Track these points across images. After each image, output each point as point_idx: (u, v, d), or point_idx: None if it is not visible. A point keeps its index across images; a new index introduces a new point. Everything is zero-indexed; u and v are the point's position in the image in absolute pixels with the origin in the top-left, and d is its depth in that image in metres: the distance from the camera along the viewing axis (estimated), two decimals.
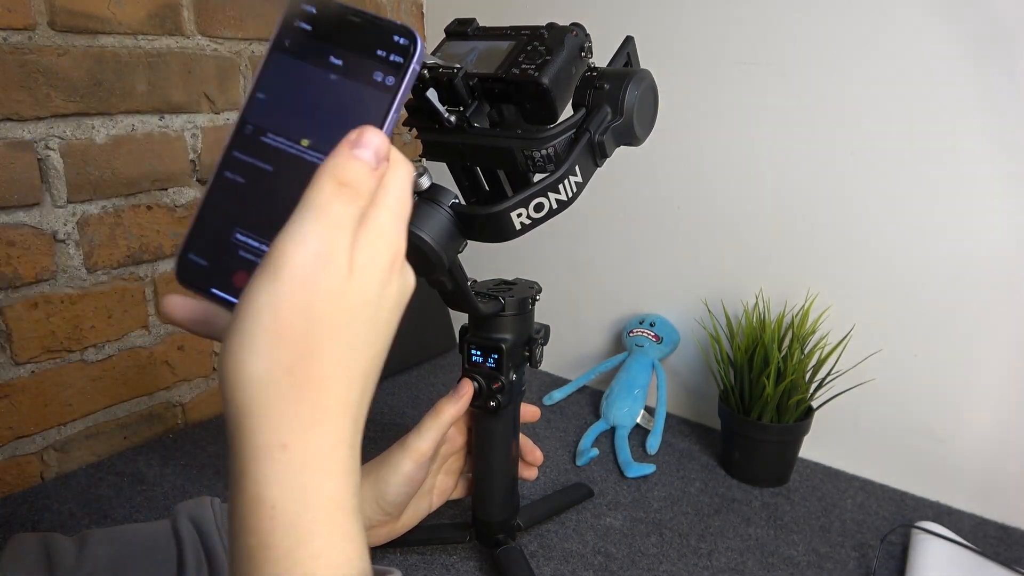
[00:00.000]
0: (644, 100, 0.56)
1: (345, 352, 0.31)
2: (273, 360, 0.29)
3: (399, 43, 0.33)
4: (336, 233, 0.30)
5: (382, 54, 0.34)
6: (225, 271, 0.34)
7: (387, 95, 0.33)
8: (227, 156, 0.35)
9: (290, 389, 0.29)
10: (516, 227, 0.54)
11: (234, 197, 0.35)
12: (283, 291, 0.29)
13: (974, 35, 0.75)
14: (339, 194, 0.30)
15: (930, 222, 0.81)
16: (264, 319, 0.29)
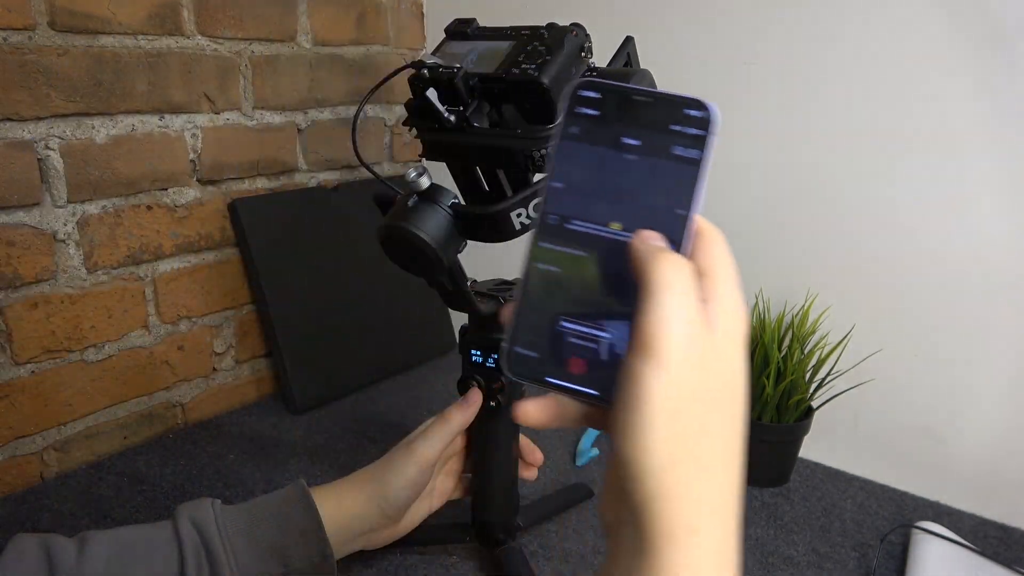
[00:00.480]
0: None
1: (730, 429, 0.32)
2: (676, 445, 0.30)
3: (694, 116, 0.33)
4: (694, 310, 0.31)
5: (678, 128, 0.34)
6: (557, 359, 0.35)
7: (691, 168, 0.33)
8: (535, 248, 0.36)
9: (694, 472, 0.30)
10: (516, 227, 0.54)
11: (551, 286, 0.35)
12: (669, 374, 0.30)
13: (974, 35, 0.75)
14: (674, 265, 0.31)
15: (930, 222, 0.81)
16: (663, 405, 0.30)
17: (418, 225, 0.53)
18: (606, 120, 0.35)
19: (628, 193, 0.34)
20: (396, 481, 0.62)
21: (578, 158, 0.35)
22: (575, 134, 0.36)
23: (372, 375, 1.11)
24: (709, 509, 0.30)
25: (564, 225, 0.35)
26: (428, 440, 0.64)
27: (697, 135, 0.33)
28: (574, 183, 0.35)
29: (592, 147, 0.35)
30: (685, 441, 0.30)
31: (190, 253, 0.96)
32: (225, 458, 0.90)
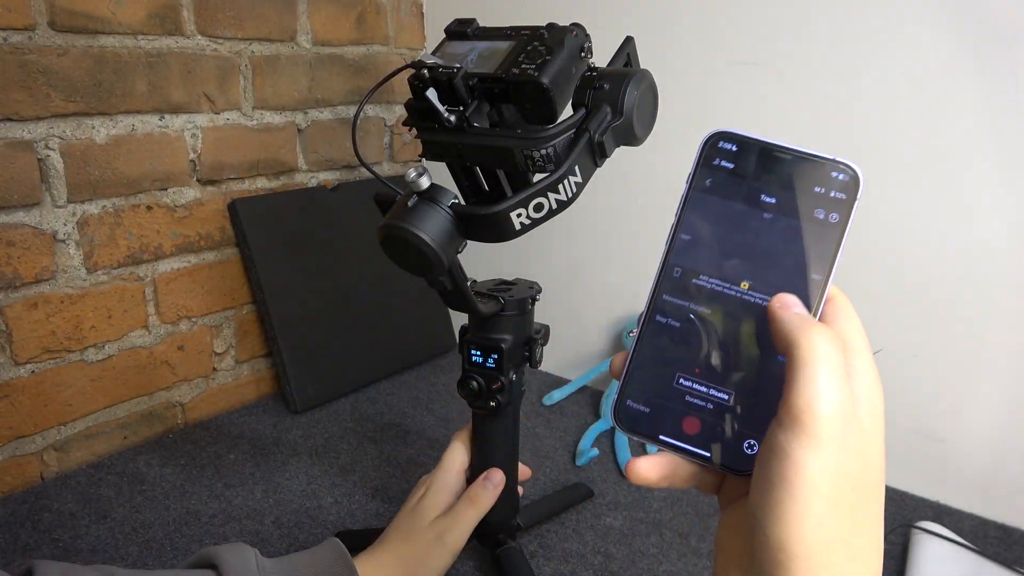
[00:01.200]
0: (644, 100, 0.56)
1: (877, 517, 0.30)
2: (834, 530, 0.29)
3: (838, 179, 0.32)
4: (845, 385, 0.29)
5: (820, 191, 0.32)
6: (673, 418, 0.34)
7: (832, 232, 0.32)
8: (656, 300, 0.35)
9: (846, 561, 0.29)
10: (516, 227, 0.54)
11: (671, 342, 0.34)
12: (829, 456, 0.28)
13: (974, 34, 0.75)
14: (827, 337, 0.30)
15: (930, 222, 0.81)
16: (821, 488, 0.28)
17: (418, 225, 0.53)
18: (743, 174, 0.34)
19: (761, 252, 0.33)
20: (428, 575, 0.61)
21: (709, 211, 0.34)
22: (708, 186, 0.34)
23: (372, 375, 1.11)
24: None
25: (690, 280, 0.34)
26: (459, 527, 0.63)
27: (839, 199, 0.32)
28: (703, 237, 0.34)
29: (725, 201, 0.34)
30: (842, 528, 0.29)
31: (190, 253, 0.96)
32: (225, 458, 0.90)
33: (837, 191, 0.32)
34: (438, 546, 0.62)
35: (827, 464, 0.28)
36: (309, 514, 0.80)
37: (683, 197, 0.35)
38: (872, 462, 0.30)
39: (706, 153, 0.34)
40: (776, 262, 0.33)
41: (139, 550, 0.73)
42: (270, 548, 0.74)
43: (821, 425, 0.28)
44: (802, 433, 0.29)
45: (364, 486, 0.85)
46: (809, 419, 0.28)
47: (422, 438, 0.96)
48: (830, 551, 0.28)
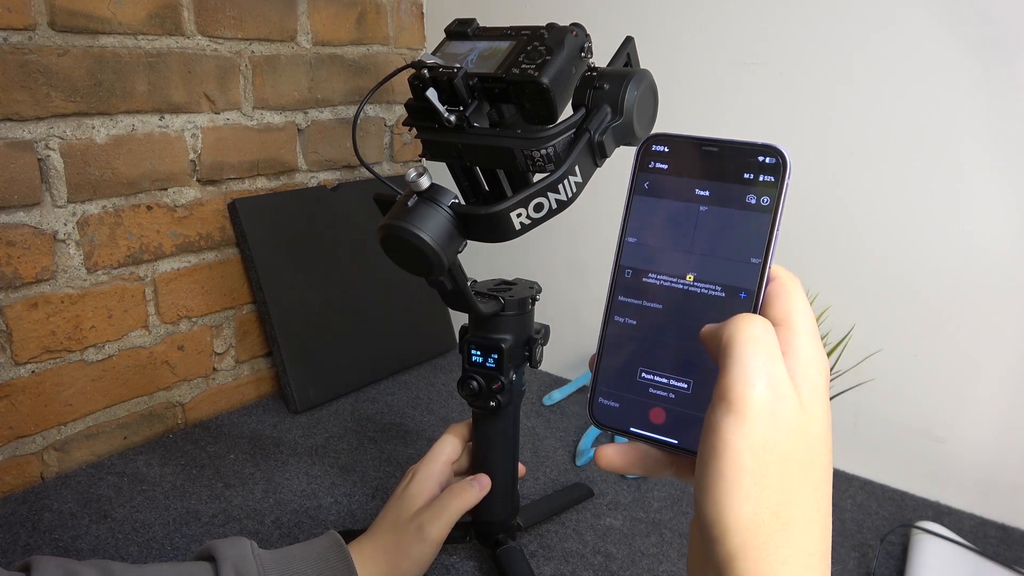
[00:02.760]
0: (644, 100, 0.56)
1: (816, 489, 0.31)
2: (760, 503, 0.29)
3: (766, 163, 0.33)
4: (776, 363, 0.30)
5: (750, 176, 0.34)
6: (639, 410, 0.36)
7: (765, 215, 0.33)
8: (613, 302, 0.37)
9: (778, 532, 0.29)
10: (516, 227, 0.54)
11: (630, 339, 0.36)
12: (755, 432, 0.29)
13: (974, 35, 0.75)
14: (758, 322, 0.31)
15: (930, 222, 0.81)
16: (746, 462, 0.29)
17: (418, 225, 0.53)
18: (677, 172, 0.35)
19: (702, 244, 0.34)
20: (410, 566, 0.62)
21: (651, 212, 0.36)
22: (646, 188, 0.36)
23: (372, 375, 1.11)
24: (796, 570, 0.29)
25: (640, 279, 0.36)
26: (442, 521, 0.63)
27: (769, 182, 0.33)
28: (647, 237, 0.36)
29: (663, 200, 0.36)
30: (769, 500, 0.29)
31: (190, 253, 0.96)
32: (225, 458, 0.90)
33: (765, 175, 0.33)
34: (419, 537, 0.62)
35: (753, 440, 0.29)
36: (309, 514, 0.80)
37: (626, 202, 0.36)
38: (812, 435, 0.30)
39: (641, 158, 0.36)
40: (716, 251, 0.34)
41: (139, 550, 0.73)
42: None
43: (747, 403, 0.29)
44: (729, 411, 0.29)
45: (364, 486, 0.85)
46: (735, 397, 0.29)
47: (422, 438, 0.96)
48: (759, 523, 0.29)
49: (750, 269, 0.33)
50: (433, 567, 0.71)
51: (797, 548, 0.29)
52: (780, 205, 0.33)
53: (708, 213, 0.34)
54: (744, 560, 0.29)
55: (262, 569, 0.54)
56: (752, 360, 0.30)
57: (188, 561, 0.54)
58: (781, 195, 0.33)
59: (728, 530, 0.29)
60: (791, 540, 0.29)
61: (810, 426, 0.30)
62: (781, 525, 0.29)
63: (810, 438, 0.30)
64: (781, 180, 0.33)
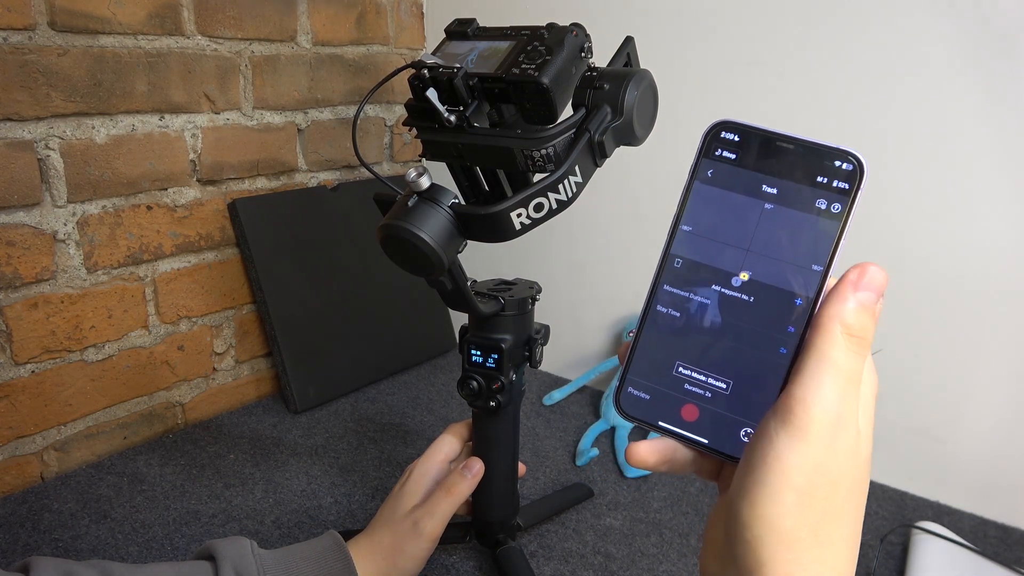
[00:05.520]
0: (644, 100, 0.56)
1: (855, 514, 0.31)
2: (801, 520, 0.29)
3: (841, 168, 0.32)
4: (852, 391, 0.30)
5: (823, 180, 0.32)
6: (672, 405, 0.34)
7: (833, 222, 0.32)
8: (658, 290, 0.35)
9: (813, 548, 0.30)
10: (516, 227, 0.54)
11: (671, 331, 0.35)
12: (812, 453, 0.29)
13: (975, 35, 0.75)
14: (850, 347, 0.30)
15: (930, 222, 0.81)
16: (796, 480, 0.29)
17: (418, 225, 0.53)
18: (745, 164, 0.34)
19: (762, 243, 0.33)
20: (407, 564, 0.62)
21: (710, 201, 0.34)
22: (709, 176, 0.34)
23: (372, 375, 1.11)
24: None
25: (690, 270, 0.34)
26: (435, 517, 0.64)
27: (842, 189, 0.32)
28: (704, 227, 0.34)
29: (727, 192, 0.34)
30: (810, 519, 0.29)
31: (190, 253, 0.96)
32: (225, 458, 0.90)
33: (840, 180, 0.32)
34: (414, 534, 0.63)
35: (807, 460, 0.29)
36: (309, 514, 0.80)
37: (685, 187, 0.35)
38: (863, 457, 0.31)
39: (708, 143, 0.35)
40: (776, 253, 0.33)
41: (139, 550, 0.73)
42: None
43: (811, 422, 0.29)
44: (790, 425, 0.29)
45: (364, 486, 0.85)
46: (802, 413, 0.29)
47: (422, 438, 0.96)
48: (796, 539, 0.29)
49: (810, 276, 0.32)
50: (433, 567, 0.71)
51: (828, 565, 0.30)
52: (851, 213, 0.32)
53: (774, 212, 0.33)
54: (773, 570, 0.29)
55: (261, 568, 0.55)
56: (830, 383, 0.29)
57: (188, 561, 0.55)
58: (853, 203, 0.32)
59: (763, 540, 0.29)
60: (824, 556, 0.30)
61: (862, 455, 0.30)
62: (817, 544, 0.29)
63: (860, 460, 0.30)
64: (856, 188, 0.32)
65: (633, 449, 0.35)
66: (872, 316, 0.31)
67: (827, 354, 0.30)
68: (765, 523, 0.29)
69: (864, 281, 0.31)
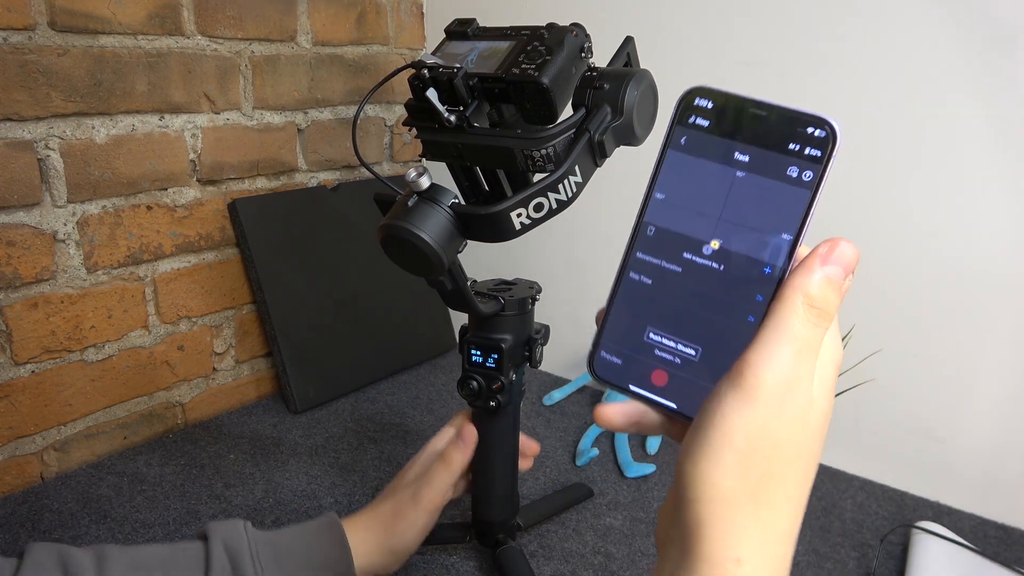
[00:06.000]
0: (644, 100, 0.56)
1: (799, 479, 0.31)
2: (740, 480, 0.30)
3: (814, 135, 0.31)
4: (806, 360, 0.30)
5: (795, 147, 0.31)
6: (642, 369, 0.35)
7: (804, 191, 0.31)
8: (630, 257, 0.35)
9: (751, 508, 0.30)
10: (516, 227, 0.54)
11: (642, 297, 0.35)
12: (757, 416, 0.30)
13: (974, 35, 0.75)
14: (809, 316, 0.30)
15: (930, 222, 0.81)
16: (737, 441, 0.30)
17: (418, 225, 0.53)
18: (718, 131, 0.33)
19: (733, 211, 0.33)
20: (406, 532, 0.63)
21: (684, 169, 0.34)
22: (682, 144, 0.34)
23: (372, 375, 1.11)
24: (759, 547, 0.30)
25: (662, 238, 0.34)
26: (433, 487, 0.65)
27: (814, 156, 0.31)
28: (677, 195, 0.34)
29: (699, 159, 0.34)
30: (750, 480, 0.30)
31: (190, 253, 0.96)
32: (225, 458, 0.90)
33: (812, 147, 0.31)
34: (413, 503, 0.64)
35: (751, 422, 0.30)
36: (309, 514, 0.80)
37: (659, 155, 0.35)
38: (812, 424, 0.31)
39: (681, 110, 0.34)
40: (747, 221, 0.32)
41: None
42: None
43: (759, 386, 0.30)
44: (739, 388, 0.30)
45: (364, 486, 0.85)
46: (751, 377, 0.30)
47: (422, 438, 0.96)
48: (734, 500, 0.30)
49: (780, 244, 0.32)
50: (433, 567, 0.71)
51: (766, 527, 0.30)
52: (822, 182, 0.31)
53: (745, 180, 0.32)
54: (711, 528, 0.30)
55: (253, 544, 0.56)
56: (781, 350, 0.30)
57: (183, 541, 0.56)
58: (825, 171, 0.31)
59: (702, 498, 0.30)
60: (762, 517, 0.30)
61: (812, 416, 0.31)
62: (755, 504, 0.30)
63: (808, 427, 0.31)
64: (828, 156, 0.31)
65: (600, 410, 0.36)
66: (837, 290, 0.31)
67: (785, 322, 0.30)
68: (705, 482, 0.30)
69: (834, 255, 0.31)
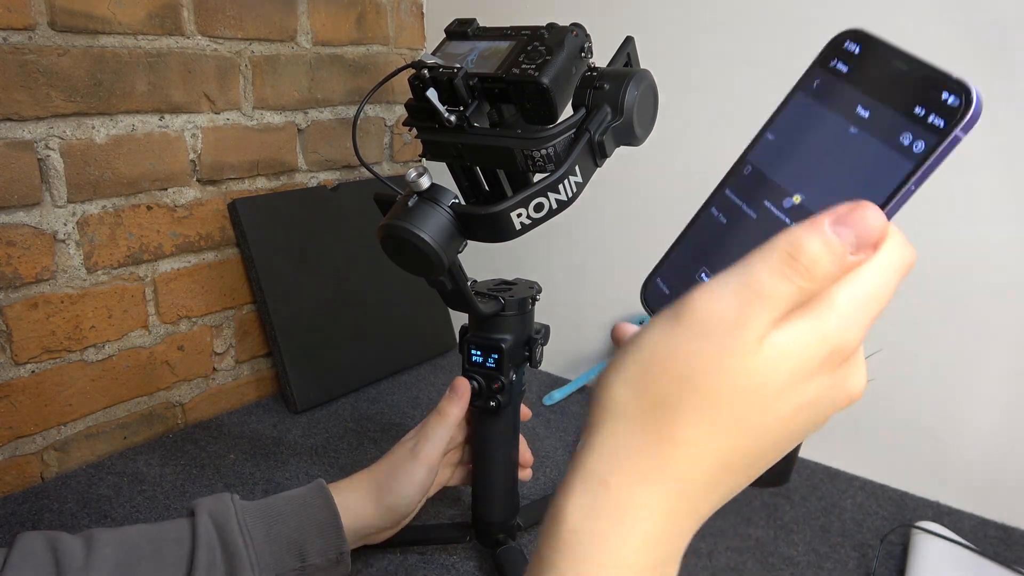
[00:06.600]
0: (644, 100, 0.56)
1: (710, 426, 0.27)
2: (636, 395, 0.28)
3: (946, 101, 0.26)
4: (756, 306, 0.26)
5: (920, 112, 0.27)
6: None
7: (907, 163, 0.27)
8: (718, 192, 0.33)
9: (637, 433, 0.28)
10: (516, 227, 0.54)
11: (711, 235, 0.32)
12: (672, 336, 0.27)
13: (975, 35, 0.75)
14: (782, 268, 0.26)
15: (930, 222, 0.81)
16: (645, 354, 0.28)
17: (418, 225, 0.53)
18: (851, 79, 0.30)
19: (829, 168, 0.29)
20: (404, 489, 0.63)
21: (804, 115, 0.31)
22: (813, 87, 0.31)
23: (372, 375, 1.11)
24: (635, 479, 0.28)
25: (754, 180, 0.31)
26: (430, 441, 0.65)
27: (935, 126, 0.26)
28: (786, 140, 0.31)
29: (822, 107, 0.30)
30: (643, 398, 0.28)
31: (190, 253, 0.96)
32: (225, 458, 0.90)
33: (938, 115, 0.26)
34: (409, 457, 0.64)
35: (663, 342, 0.28)
36: None
37: (787, 95, 0.32)
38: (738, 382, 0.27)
39: (827, 51, 0.31)
40: (839, 183, 0.29)
41: None
42: None
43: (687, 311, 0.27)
44: (671, 309, 0.28)
45: None
46: (686, 302, 0.28)
47: None
48: (624, 413, 0.28)
49: None
50: (433, 567, 0.71)
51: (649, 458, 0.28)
52: (934, 157, 0.27)
53: (855, 138, 0.29)
54: (591, 436, 0.29)
55: (240, 513, 0.57)
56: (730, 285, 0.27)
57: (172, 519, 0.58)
58: (941, 145, 0.26)
59: (598, 402, 0.29)
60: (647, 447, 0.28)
61: (751, 374, 0.27)
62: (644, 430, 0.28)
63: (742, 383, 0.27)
64: (950, 128, 0.26)
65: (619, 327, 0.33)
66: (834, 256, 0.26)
67: (751, 263, 0.27)
68: (604, 386, 0.29)
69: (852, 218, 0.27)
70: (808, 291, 0.27)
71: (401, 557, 0.72)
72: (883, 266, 0.28)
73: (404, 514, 0.64)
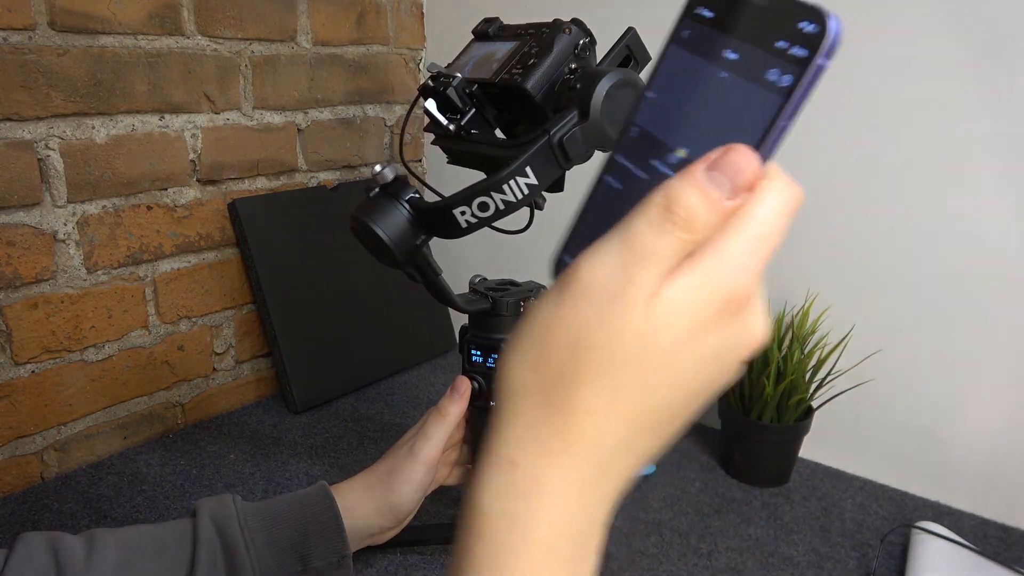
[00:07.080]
0: (617, 100, 0.53)
1: (611, 390, 0.27)
2: (534, 370, 0.28)
3: (804, 31, 0.25)
4: (641, 264, 0.26)
5: (782, 45, 0.26)
6: None
7: (777, 99, 0.26)
8: (611, 159, 0.32)
9: (540, 408, 0.27)
10: (461, 224, 0.55)
11: (609, 203, 0.31)
12: (563, 307, 0.27)
13: (975, 35, 0.75)
14: (661, 222, 0.26)
15: (930, 222, 0.81)
16: (538, 329, 0.28)
17: (373, 218, 0.54)
18: (718, 24, 0.29)
19: (708, 117, 0.28)
20: (404, 488, 0.63)
21: (678, 67, 0.30)
22: (684, 38, 0.30)
23: (372, 375, 1.11)
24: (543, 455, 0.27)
25: (640, 142, 0.30)
26: (429, 440, 0.65)
27: (798, 57, 0.26)
28: (666, 96, 0.30)
29: (694, 56, 0.29)
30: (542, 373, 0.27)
31: (190, 253, 0.96)
32: (225, 458, 0.90)
33: (798, 46, 0.26)
34: (409, 457, 0.64)
35: (554, 315, 0.27)
36: None
37: (660, 50, 0.31)
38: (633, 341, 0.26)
39: (689, 1, 0.30)
40: (715, 131, 0.28)
41: None
42: None
43: (574, 280, 0.27)
44: (559, 282, 0.28)
45: None
46: (572, 271, 0.27)
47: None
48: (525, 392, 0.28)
49: None
50: (433, 567, 0.71)
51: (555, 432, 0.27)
52: (801, 89, 0.26)
53: (727, 82, 0.28)
54: (498, 419, 0.29)
55: (241, 514, 0.57)
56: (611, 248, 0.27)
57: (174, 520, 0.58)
58: (805, 76, 0.26)
59: (500, 387, 0.29)
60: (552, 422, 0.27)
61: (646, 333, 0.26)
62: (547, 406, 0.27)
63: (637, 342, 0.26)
64: (812, 56, 0.25)
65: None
66: (708, 202, 0.26)
67: (631, 222, 0.26)
68: (503, 367, 0.29)
69: (723, 163, 0.26)
70: (691, 242, 0.26)
71: (401, 557, 0.72)
72: (767, 207, 0.27)
73: (405, 513, 0.64)
